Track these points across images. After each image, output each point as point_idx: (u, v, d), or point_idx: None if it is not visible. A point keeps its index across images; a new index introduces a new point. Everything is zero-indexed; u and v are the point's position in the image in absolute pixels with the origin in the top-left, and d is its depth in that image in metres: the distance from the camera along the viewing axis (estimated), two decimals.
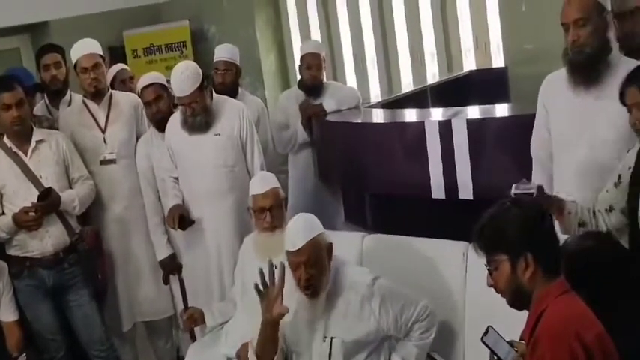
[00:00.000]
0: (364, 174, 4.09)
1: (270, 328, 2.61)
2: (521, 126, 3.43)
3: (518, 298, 1.93)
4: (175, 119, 3.69)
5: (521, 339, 1.99)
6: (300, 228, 2.66)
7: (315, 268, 2.61)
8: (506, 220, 1.92)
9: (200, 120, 3.56)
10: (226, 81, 4.29)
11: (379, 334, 2.68)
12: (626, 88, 2.22)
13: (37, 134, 3.56)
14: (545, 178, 2.84)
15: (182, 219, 3.58)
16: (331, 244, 2.70)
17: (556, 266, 1.90)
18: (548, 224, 1.97)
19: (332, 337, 2.62)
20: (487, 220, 1.96)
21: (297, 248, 2.60)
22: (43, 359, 3.54)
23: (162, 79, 3.87)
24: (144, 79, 3.86)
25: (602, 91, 2.57)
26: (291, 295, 2.72)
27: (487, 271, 1.97)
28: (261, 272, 2.55)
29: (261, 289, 2.54)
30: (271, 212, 3.14)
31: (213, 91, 3.75)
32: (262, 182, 3.24)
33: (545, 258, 1.88)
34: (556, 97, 2.76)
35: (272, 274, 2.54)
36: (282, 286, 2.54)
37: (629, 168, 2.29)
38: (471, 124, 3.60)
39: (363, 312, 2.65)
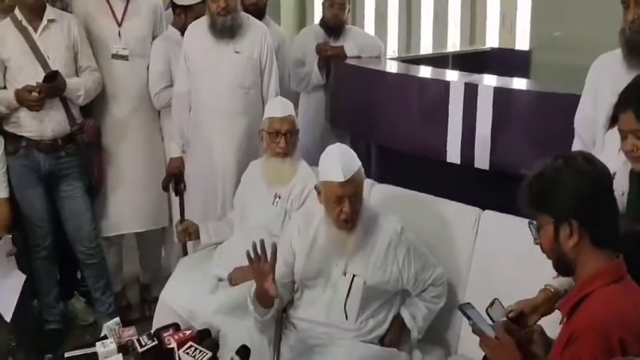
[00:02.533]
0: (377, 124, 3.98)
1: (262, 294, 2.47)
2: (549, 104, 3.35)
3: (561, 265, 1.81)
4: (196, 27, 3.54)
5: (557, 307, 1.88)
6: (347, 158, 2.51)
7: (358, 202, 2.50)
8: (556, 181, 1.75)
9: (230, 21, 3.41)
10: (260, 1, 4.12)
11: (397, 284, 2.59)
12: (620, 112, 2.04)
13: (50, 12, 3.42)
14: None
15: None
16: (364, 178, 2.59)
17: (608, 239, 1.75)
18: (605, 191, 1.78)
19: (353, 275, 2.52)
20: (535, 177, 1.80)
21: (345, 179, 2.45)
22: (26, 245, 3.43)
23: None
24: None
25: None
26: (311, 225, 2.62)
27: (533, 229, 1.84)
28: (255, 245, 2.37)
29: (252, 257, 2.38)
30: (286, 138, 3.07)
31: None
32: (282, 106, 3.17)
33: (594, 228, 1.73)
34: (607, 76, 2.65)
35: (263, 247, 2.37)
36: (274, 265, 2.39)
37: (623, 194, 2.16)
38: (498, 92, 3.49)
39: (387, 258, 2.56)
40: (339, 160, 2.48)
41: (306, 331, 2.60)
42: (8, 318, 3.07)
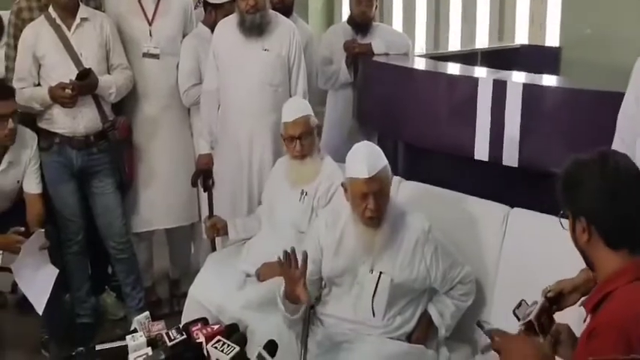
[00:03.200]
0: (405, 122, 3.96)
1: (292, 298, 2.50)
2: (579, 101, 3.32)
3: (583, 258, 1.82)
4: (225, 24, 3.57)
5: (581, 305, 1.87)
6: (372, 156, 2.53)
7: (384, 198, 2.50)
8: (577, 176, 1.76)
9: (259, 19, 3.44)
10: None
11: (425, 282, 2.59)
12: None
13: (83, 11, 3.48)
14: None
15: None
16: (392, 176, 2.60)
17: (624, 241, 1.72)
18: (625, 194, 1.73)
19: (380, 272, 2.53)
20: (566, 169, 1.80)
21: (370, 176, 2.46)
22: (59, 239, 3.49)
23: None
24: None
25: None
26: (338, 222, 2.63)
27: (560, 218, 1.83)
28: (286, 252, 2.40)
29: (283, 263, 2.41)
30: (301, 141, 3.08)
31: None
32: (293, 109, 3.15)
33: (605, 229, 1.72)
34: None
35: (294, 254, 2.39)
36: (305, 271, 2.41)
37: None
38: (528, 89, 3.46)
39: (415, 256, 2.56)
40: (365, 158, 2.50)
41: (333, 328, 2.62)
42: (40, 311, 3.13)
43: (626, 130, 2.69)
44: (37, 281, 3.13)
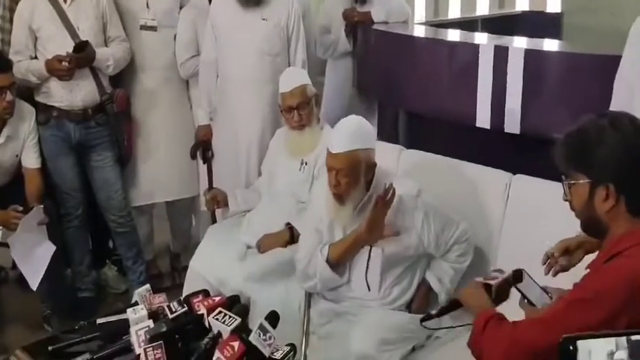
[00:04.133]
0: (405, 90, 3.94)
1: (361, 245, 2.50)
2: (581, 66, 3.29)
3: (590, 226, 1.75)
4: None
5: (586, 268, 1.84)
6: (348, 134, 2.48)
7: (346, 179, 2.45)
8: (598, 140, 1.65)
9: None
10: None
11: (418, 249, 2.56)
12: None
13: None
14: None
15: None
16: (374, 163, 2.53)
17: None
18: None
19: (371, 245, 2.50)
20: (576, 133, 1.71)
21: (334, 152, 2.45)
22: (59, 213, 3.48)
23: None
24: None
25: None
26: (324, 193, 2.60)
27: (564, 185, 1.74)
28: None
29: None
30: (299, 111, 3.05)
31: None
32: (290, 79, 3.13)
33: (631, 195, 1.65)
34: None
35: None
36: (387, 210, 2.41)
37: None
38: (529, 54, 3.42)
39: (405, 224, 2.52)
40: (341, 132, 2.49)
41: (334, 300, 2.61)
42: (34, 286, 3.14)
43: (622, 92, 2.66)
44: (34, 257, 3.12)
